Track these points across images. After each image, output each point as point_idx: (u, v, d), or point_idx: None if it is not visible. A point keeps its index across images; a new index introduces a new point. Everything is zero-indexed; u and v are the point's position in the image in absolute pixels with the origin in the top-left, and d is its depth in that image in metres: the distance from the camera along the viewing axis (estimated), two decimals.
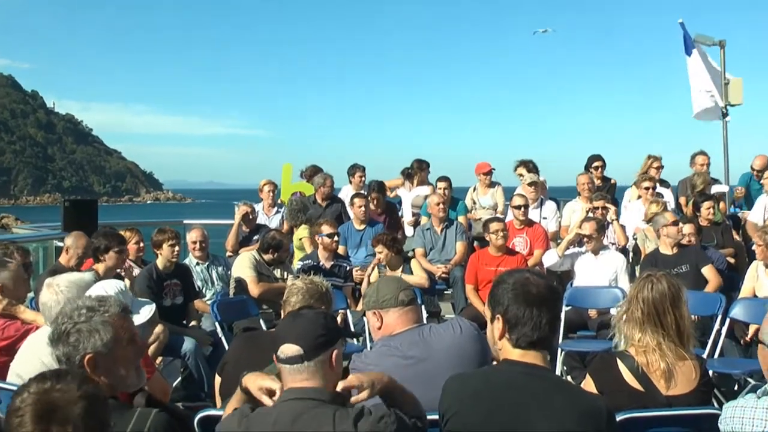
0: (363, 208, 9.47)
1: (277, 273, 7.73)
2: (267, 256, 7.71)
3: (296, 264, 8.41)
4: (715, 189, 10.18)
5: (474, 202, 10.65)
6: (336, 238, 8.28)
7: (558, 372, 6.86)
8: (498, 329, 2.77)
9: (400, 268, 8.19)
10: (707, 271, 7.51)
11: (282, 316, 3.82)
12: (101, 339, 2.80)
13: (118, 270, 6.59)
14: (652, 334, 3.44)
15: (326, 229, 8.23)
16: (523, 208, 9.01)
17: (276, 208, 10.68)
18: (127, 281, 6.42)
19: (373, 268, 8.37)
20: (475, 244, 9.88)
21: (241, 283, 7.48)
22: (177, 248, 7.21)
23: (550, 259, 8.33)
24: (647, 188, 9.63)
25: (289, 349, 2.74)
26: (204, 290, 7.84)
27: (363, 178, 11.02)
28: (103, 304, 2.90)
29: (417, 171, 11.02)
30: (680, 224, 7.78)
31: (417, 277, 8.13)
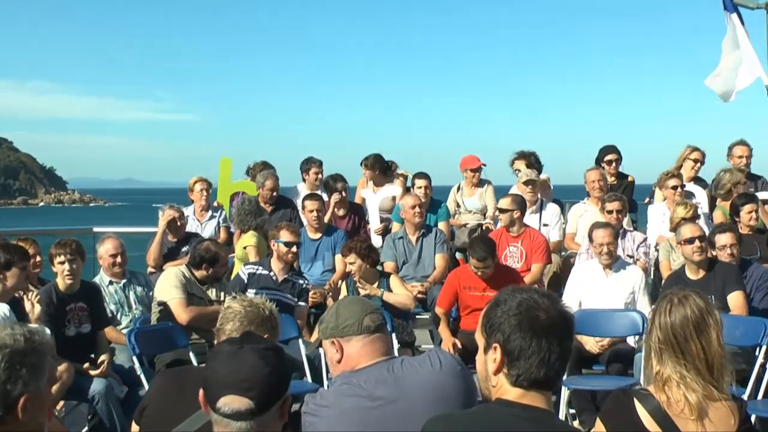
0: (316, 213, 9.46)
1: (212, 293, 7.69)
2: (199, 273, 7.67)
3: (237, 268, 8.41)
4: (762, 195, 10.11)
5: (458, 205, 10.69)
6: (294, 249, 8.28)
7: (562, 415, 6.90)
8: (494, 361, 2.74)
9: (376, 284, 8.20)
10: (733, 299, 7.35)
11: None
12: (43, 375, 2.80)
13: (18, 292, 6.53)
14: (673, 366, 3.44)
15: (285, 235, 8.22)
16: (507, 214, 9.02)
17: (210, 213, 10.62)
18: (28, 305, 6.38)
19: (340, 283, 8.36)
20: (459, 256, 9.91)
21: (165, 307, 7.43)
22: (71, 266, 7.10)
23: None
24: (674, 187, 9.59)
25: (237, 403, 2.66)
26: (119, 316, 7.79)
27: (320, 176, 10.99)
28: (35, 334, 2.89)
29: (369, 168, 11.03)
30: (698, 242, 7.58)
31: (402, 295, 8.15)
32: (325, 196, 10.26)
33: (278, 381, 2.71)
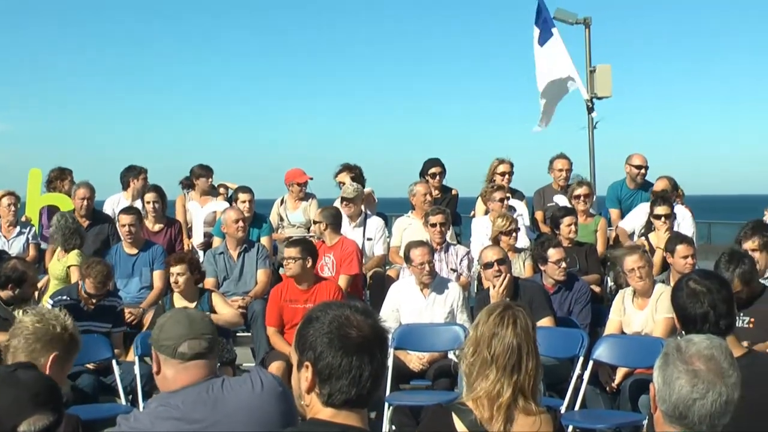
0: (128, 228, 9.31)
1: (19, 315, 7.46)
2: (5, 293, 7.47)
3: (46, 301, 8.17)
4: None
5: (281, 219, 10.72)
6: (94, 300, 7.92)
7: None
8: (306, 380, 2.73)
9: (195, 303, 8.13)
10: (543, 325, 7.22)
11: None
12: None
13: None
14: (507, 383, 3.51)
15: (89, 286, 7.83)
16: (316, 225, 9.30)
17: (19, 228, 10.30)
18: None
19: (156, 301, 8.27)
20: (281, 271, 9.95)
21: None
22: None
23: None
24: (501, 200, 9.69)
25: (41, 420, 2.63)
26: None
27: (146, 184, 10.79)
28: None
29: (198, 179, 10.98)
30: (496, 266, 7.70)
31: (229, 314, 8.17)
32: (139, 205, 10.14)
33: (58, 388, 2.75)
